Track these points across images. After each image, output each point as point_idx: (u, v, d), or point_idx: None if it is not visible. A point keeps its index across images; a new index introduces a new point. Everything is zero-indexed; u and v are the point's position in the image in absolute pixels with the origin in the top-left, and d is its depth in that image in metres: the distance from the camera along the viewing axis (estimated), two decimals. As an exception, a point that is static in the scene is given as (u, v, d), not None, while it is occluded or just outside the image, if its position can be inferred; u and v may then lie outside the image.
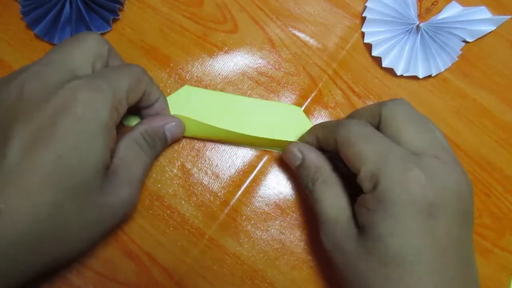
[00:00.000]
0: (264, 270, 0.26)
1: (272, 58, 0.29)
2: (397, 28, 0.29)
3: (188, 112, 0.27)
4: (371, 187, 0.19)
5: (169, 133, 0.25)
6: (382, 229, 0.19)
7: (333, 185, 0.23)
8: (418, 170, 0.19)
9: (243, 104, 0.28)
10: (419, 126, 0.21)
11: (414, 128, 0.21)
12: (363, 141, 0.20)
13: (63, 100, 0.18)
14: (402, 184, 0.19)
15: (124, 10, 0.29)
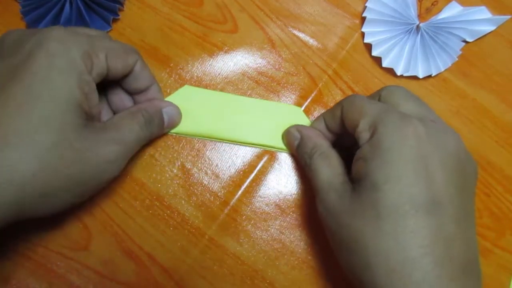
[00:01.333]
0: (264, 270, 0.26)
1: (272, 58, 0.29)
2: (397, 28, 0.29)
3: (188, 112, 0.27)
4: (368, 136, 0.20)
5: (166, 116, 0.25)
6: (378, 177, 0.19)
7: (329, 156, 0.23)
8: (417, 122, 0.19)
9: (243, 104, 0.28)
10: (416, 101, 0.22)
11: (411, 103, 0.22)
12: (366, 102, 0.21)
13: (39, 39, 0.19)
14: (399, 131, 0.19)
15: (124, 10, 0.29)
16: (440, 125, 0.20)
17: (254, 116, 0.28)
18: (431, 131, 0.19)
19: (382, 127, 0.19)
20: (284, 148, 0.27)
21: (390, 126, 0.19)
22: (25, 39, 0.20)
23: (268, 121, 0.28)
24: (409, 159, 0.18)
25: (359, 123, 0.21)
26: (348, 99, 0.23)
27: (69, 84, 0.19)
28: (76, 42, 0.20)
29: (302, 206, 0.27)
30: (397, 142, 0.19)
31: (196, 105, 0.27)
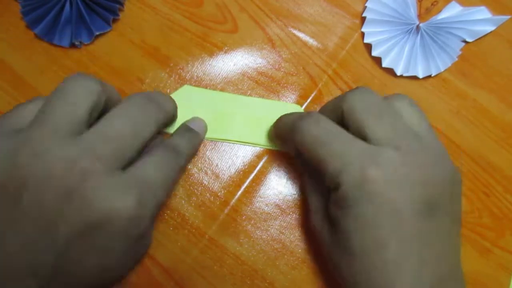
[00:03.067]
0: (264, 270, 0.26)
1: (272, 58, 0.29)
2: (397, 28, 0.29)
3: (188, 112, 0.27)
4: (334, 187, 0.20)
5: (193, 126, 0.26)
6: (344, 226, 0.19)
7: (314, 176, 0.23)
8: (375, 168, 0.18)
9: (243, 104, 0.28)
10: (381, 115, 0.20)
11: (375, 118, 0.20)
12: (318, 146, 0.20)
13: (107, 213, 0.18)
14: (359, 186, 0.18)
15: (124, 10, 0.29)
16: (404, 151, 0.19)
17: (254, 116, 0.28)
18: (393, 170, 0.19)
19: (343, 185, 0.19)
20: (284, 147, 0.27)
21: (350, 185, 0.19)
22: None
23: (268, 120, 0.28)
24: (371, 211, 0.18)
25: (323, 175, 0.20)
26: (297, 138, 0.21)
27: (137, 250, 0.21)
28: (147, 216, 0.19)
29: (302, 206, 0.27)
30: (358, 199, 0.19)
31: (196, 105, 0.27)
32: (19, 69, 0.27)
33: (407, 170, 0.19)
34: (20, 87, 0.27)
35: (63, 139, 0.18)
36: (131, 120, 0.19)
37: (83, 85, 0.19)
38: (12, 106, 0.26)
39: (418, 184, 0.19)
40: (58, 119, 0.18)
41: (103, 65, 0.28)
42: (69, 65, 0.28)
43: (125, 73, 0.28)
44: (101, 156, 0.18)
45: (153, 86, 0.28)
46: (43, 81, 0.27)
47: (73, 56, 0.28)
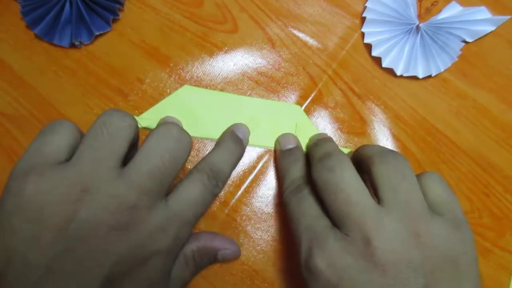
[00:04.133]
0: (264, 271, 0.26)
1: (272, 58, 0.29)
2: (397, 28, 0.29)
3: (188, 112, 0.27)
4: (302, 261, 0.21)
5: (221, 257, 0.24)
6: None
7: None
8: (319, 253, 0.19)
9: (243, 104, 0.28)
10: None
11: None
12: (293, 219, 0.22)
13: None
14: (305, 264, 0.20)
15: (124, 10, 0.29)
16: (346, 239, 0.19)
17: (254, 116, 0.28)
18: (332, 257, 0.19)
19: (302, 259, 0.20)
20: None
21: (302, 260, 0.20)
22: None
23: (268, 120, 0.28)
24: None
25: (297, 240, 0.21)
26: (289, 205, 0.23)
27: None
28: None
29: (302, 206, 0.27)
30: (307, 276, 0.20)
31: (196, 105, 0.27)
32: (19, 69, 0.27)
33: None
34: (20, 87, 0.27)
35: (110, 175, 0.18)
36: (170, 153, 0.20)
37: (126, 119, 0.20)
38: (12, 106, 0.27)
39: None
40: (104, 155, 0.18)
41: (103, 65, 0.28)
42: (69, 65, 0.28)
43: (125, 73, 0.28)
44: (146, 191, 0.19)
45: (153, 86, 0.28)
46: (43, 81, 0.27)
47: (73, 56, 0.28)
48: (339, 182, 0.20)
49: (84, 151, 0.19)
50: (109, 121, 0.19)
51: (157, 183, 0.19)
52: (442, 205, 0.20)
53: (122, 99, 0.27)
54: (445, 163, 0.28)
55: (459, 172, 0.28)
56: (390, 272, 0.18)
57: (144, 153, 0.19)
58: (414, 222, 0.19)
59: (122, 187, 0.18)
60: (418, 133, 0.29)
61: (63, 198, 0.17)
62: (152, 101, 0.27)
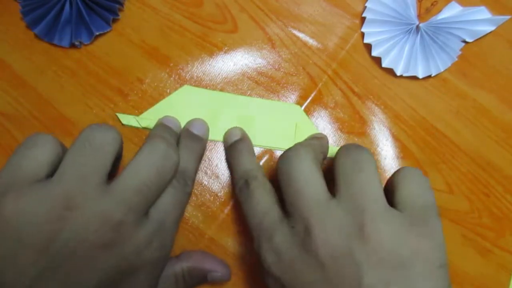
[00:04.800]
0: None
1: (272, 58, 0.29)
2: (396, 28, 0.29)
3: (188, 111, 0.27)
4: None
5: (211, 279, 0.24)
6: None
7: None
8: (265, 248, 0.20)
9: (243, 104, 0.28)
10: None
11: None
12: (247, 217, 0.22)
13: None
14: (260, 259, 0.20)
15: (124, 10, 0.29)
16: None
17: (253, 116, 0.28)
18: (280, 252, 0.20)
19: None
20: (284, 147, 0.27)
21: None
22: None
23: (268, 120, 0.28)
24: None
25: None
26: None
27: None
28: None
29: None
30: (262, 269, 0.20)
31: (195, 105, 0.27)
32: (19, 69, 0.27)
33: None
34: (20, 87, 0.27)
35: (95, 192, 0.18)
36: (157, 170, 0.20)
37: (109, 134, 0.19)
38: (12, 106, 0.27)
39: None
40: (89, 170, 0.18)
41: (103, 65, 0.28)
42: (69, 65, 0.28)
43: (125, 73, 0.28)
44: (132, 207, 0.18)
45: (153, 86, 0.28)
46: (43, 81, 0.27)
47: (73, 56, 0.28)
48: (293, 172, 0.20)
49: (67, 168, 0.18)
50: (93, 135, 0.19)
51: (143, 200, 0.19)
52: (408, 202, 0.19)
53: (122, 99, 0.27)
54: (445, 163, 0.28)
55: (459, 172, 0.28)
56: (329, 265, 0.17)
57: (132, 169, 0.19)
58: (362, 215, 0.18)
59: (108, 204, 0.18)
60: (418, 133, 0.29)
61: (44, 218, 0.17)
62: (152, 101, 0.27)
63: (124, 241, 0.18)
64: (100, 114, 0.27)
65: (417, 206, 0.19)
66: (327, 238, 0.18)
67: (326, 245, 0.18)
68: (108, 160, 0.19)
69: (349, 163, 0.20)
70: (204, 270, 0.23)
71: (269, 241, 0.19)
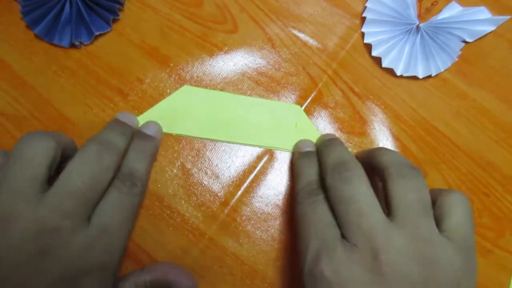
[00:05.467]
0: (264, 270, 0.26)
1: (272, 58, 0.29)
2: (397, 28, 0.29)
3: (188, 112, 0.27)
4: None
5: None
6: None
7: None
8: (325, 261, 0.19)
9: (243, 103, 0.28)
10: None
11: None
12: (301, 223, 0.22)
13: None
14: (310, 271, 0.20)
15: (124, 10, 0.29)
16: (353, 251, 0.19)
17: (254, 116, 0.28)
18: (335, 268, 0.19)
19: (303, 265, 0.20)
20: (284, 147, 0.27)
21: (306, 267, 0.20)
22: None
23: (268, 120, 0.28)
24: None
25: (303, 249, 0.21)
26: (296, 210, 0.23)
27: None
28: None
29: (302, 206, 0.27)
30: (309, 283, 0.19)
31: (195, 105, 0.27)
32: (19, 69, 0.27)
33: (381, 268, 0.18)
34: (20, 87, 0.27)
35: (29, 201, 0.18)
36: (89, 173, 0.20)
37: (39, 145, 0.19)
38: (12, 106, 0.27)
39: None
40: (21, 182, 0.19)
41: (103, 65, 0.28)
42: (69, 65, 0.28)
43: (125, 73, 0.28)
44: (67, 213, 0.19)
45: (153, 86, 0.28)
46: (43, 81, 0.27)
47: (73, 56, 0.28)
48: (353, 194, 0.20)
49: (1, 185, 0.19)
50: (22, 148, 0.19)
51: (78, 205, 0.19)
52: (457, 231, 0.20)
53: (122, 99, 0.27)
54: (445, 163, 0.28)
55: (459, 172, 0.28)
56: (394, 286, 0.18)
57: (64, 175, 0.19)
58: (423, 242, 0.19)
59: (42, 211, 0.18)
60: (418, 133, 0.29)
61: None
62: (152, 101, 0.27)
63: (63, 245, 0.18)
64: (100, 114, 0.27)
65: (466, 238, 0.20)
66: (395, 261, 0.18)
67: (394, 268, 0.18)
68: (40, 170, 0.19)
69: (408, 188, 0.20)
70: (167, 282, 0.23)
71: (332, 254, 0.19)
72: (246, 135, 0.27)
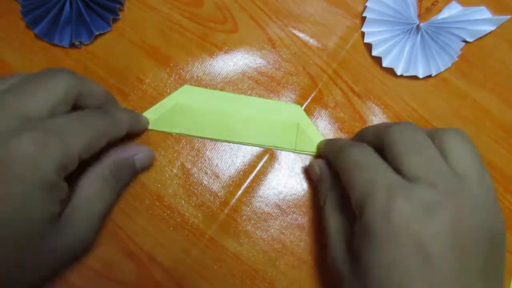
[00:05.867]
0: (264, 270, 0.26)
1: (272, 58, 0.29)
2: (397, 28, 0.29)
3: (188, 111, 0.27)
4: (359, 214, 0.19)
5: (139, 164, 0.24)
6: (368, 259, 0.18)
7: (339, 206, 0.23)
8: (403, 200, 0.17)
9: (243, 103, 0.28)
10: (421, 152, 0.19)
11: (413, 155, 0.19)
12: (356, 169, 0.20)
13: (6, 157, 0.17)
14: (384, 215, 0.18)
15: (124, 10, 0.29)
16: (437, 191, 0.18)
17: (254, 115, 0.28)
18: (421, 207, 0.17)
19: (367, 211, 0.18)
20: (284, 147, 0.27)
21: (374, 213, 0.18)
22: None
23: (269, 120, 0.28)
24: (396, 245, 0.17)
25: (350, 195, 0.20)
26: (340, 160, 0.22)
27: (45, 207, 0.18)
28: (50, 160, 0.18)
29: (302, 206, 0.27)
30: (383, 230, 0.17)
31: (196, 105, 0.27)
32: (19, 69, 0.27)
33: (439, 211, 0.17)
34: (20, 87, 0.27)
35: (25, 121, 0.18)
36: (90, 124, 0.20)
37: (58, 77, 0.20)
38: (12, 106, 0.27)
39: (449, 229, 0.17)
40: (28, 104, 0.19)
41: (103, 65, 0.28)
42: (69, 65, 0.28)
43: (125, 73, 0.28)
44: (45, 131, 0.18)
45: (153, 86, 0.28)
46: (43, 81, 0.27)
47: (73, 56, 0.28)
48: (418, 141, 0.20)
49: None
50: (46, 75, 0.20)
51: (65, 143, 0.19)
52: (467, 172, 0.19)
53: (122, 99, 0.27)
54: (445, 163, 0.28)
55: (459, 172, 0.28)
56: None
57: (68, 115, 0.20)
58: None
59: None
60: (418, 133, 0.29)
61: None
62: (152, 101, 0.27)
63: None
64: (100, 114, 0.27)
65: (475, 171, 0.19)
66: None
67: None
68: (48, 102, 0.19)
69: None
70: (128, 156, 0.23)
71: (407, 191, 0.18)
72: (246, 135, 0.27)
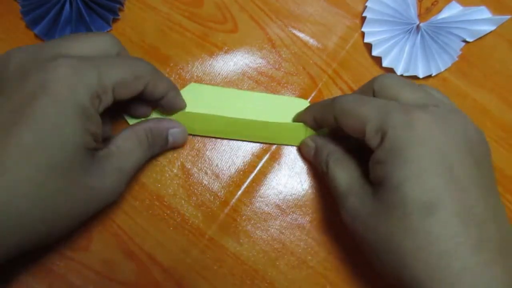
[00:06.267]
0: (264, 270, 0.26)
1: (272, 58, 0.29)
2: (397, 28, 0.29)
3: (195, 110, 0.27)
4: (378, 141, 0.20)
5: (171, 137, 0.25)
6: (397, 177, 0.18)
7: (345, 160, 0.23)
8: (421, 111, 0.19)
9: (250, 99, 0.28)
10: (412, 88, 0.21)
11: (408, 90, 0.21)
12: (360, 105, 0.21)
13: (44, 78, 0.18)
14: (407, 125, 0.19)
15: (124, 10, 0.29)
16: (442, 109, 0.20)
17: (261, 111, 0.27)
18: (437, 118, 0.19)
19: (390, 130, 0.19)
20: (292, 143, 0.27)
21: (397, 127, 0.19)
22: (28, 72, 0.19)
23: (276, 115, 0.27)
24: (424, 154, 0.18)
25: (366, 131, 0.20)
26: (337, 105, 0.22)
27: (78, 132, 0.19)
28: (84, 83, 0.19)
29: (302, 206, 0.27)
30: (409, 140, 0.18)
31: (202, 103, 0.27)
32: (19, 69, 0.27)
33: (452, 120, 0.19)
34: (20, 87, 0.27)
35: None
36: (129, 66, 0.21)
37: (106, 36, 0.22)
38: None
39: (462, 138, 0.19)
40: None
41: (103, 65, 0.28)
42: (69, 65, 0.28)
43: (125, 73, 0.28)
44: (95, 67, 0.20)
45: (153, 86, 0.28)
46: (43, 81, 0.27)
47: (73, 56, 0.28)
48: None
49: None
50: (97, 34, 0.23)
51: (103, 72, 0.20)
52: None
53: (122, 99, 0.27)
54: (445, 163, 0.28)
55: (459, 172, 0.28)
56: None
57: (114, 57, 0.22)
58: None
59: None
60: (418, 133, 0.29)
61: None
62: (152, 101, 0.27)
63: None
64: (100, 114, 0.27)
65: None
66: None
67: None
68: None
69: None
70: (163, 128, 0.25)
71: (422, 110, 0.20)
72: (254, 133, 0.27)
